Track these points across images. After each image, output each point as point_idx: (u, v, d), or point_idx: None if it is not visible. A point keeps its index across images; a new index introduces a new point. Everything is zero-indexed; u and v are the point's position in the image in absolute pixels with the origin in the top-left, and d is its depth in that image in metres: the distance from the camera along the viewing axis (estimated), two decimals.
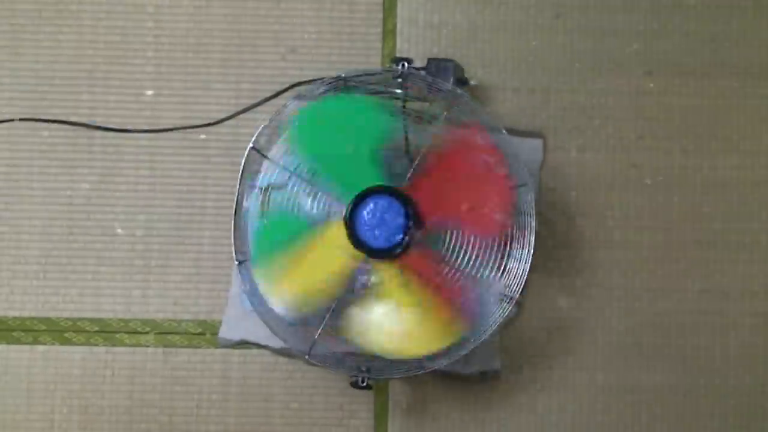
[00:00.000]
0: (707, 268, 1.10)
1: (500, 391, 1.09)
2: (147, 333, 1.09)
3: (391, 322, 0.93)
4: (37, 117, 1.11)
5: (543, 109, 1.11)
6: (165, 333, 1.09)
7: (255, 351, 1.09)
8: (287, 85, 1.10)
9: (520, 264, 0.95)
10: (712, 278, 1.10)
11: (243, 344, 1.08)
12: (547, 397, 1.09)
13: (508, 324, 1.07)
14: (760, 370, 1.09)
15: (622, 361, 1.09)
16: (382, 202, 0.92)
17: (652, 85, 1.12)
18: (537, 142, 1.10)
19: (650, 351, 1.09)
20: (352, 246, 0.92)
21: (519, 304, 1.07)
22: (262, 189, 0.96)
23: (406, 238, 0.92)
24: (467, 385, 1.08)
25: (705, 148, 1.11)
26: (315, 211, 0.94)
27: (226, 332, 1.08)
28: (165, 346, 1.09)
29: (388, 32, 1.12)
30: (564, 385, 1.09)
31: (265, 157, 0.95)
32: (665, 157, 1.11)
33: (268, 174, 0.96)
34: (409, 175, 0.93)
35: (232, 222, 0.96)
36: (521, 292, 0.92)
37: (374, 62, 1.11)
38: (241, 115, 1.11)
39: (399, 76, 0.96)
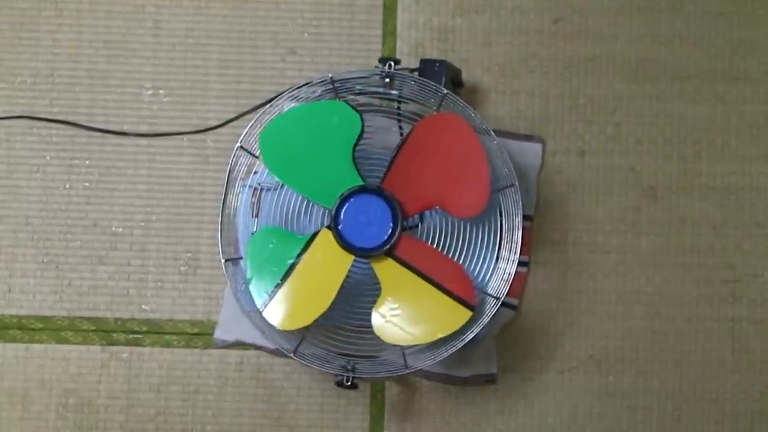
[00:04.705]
0: (704, 274, 1.10)
1: (497, 395, 1.08)
2: (143, 332, 1.09)
3: (395, 312, 0.93)
4: (35, 115, 1.11)
5: (542, 113, 1.11)
6: (161, 333, 1.09)
7: (251, 352, 1.09)
8: (287, 87, 1.09)
9: (507, 264, 0.95)
10: (709, 283, 1.10)
11: (239, 345, 1.08)
12: (543, 401, 1.09)
13: (504, 328, 1.07)
14: (757, 375, 1.09)
15: (618, 366, 1.09)
16: (365, 202, 0.92)
17: (651, 90, 1.11)
18: (536, 146, 1.10)
19: (647, 355, 1.09)
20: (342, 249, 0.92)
21: (515, 309, 1.07)
22: (253, 189, 0.96)
23: (395, 233, 0.92)
24: (463, 390, 1.08)
25: (703, 154, 1.11)
26: (303, 221, 0.95)
27: (221, 333, 1.08)
28: (161, 345, 1.09)
29: (388, 34, 1.12)
30: (560, 389, 1.09)
31: (254, 156, 0.95)
32: (663, 162, 1.11)
33: (259, 174, 0.96)
34: (385, 172, 0.93)
35: (219, 220, 0.96)
36: (520, 297, 0.92)
37: (374, 64, 1.11)
38: (241, 116, 1.11)
39: (386, 76, 0.95)
